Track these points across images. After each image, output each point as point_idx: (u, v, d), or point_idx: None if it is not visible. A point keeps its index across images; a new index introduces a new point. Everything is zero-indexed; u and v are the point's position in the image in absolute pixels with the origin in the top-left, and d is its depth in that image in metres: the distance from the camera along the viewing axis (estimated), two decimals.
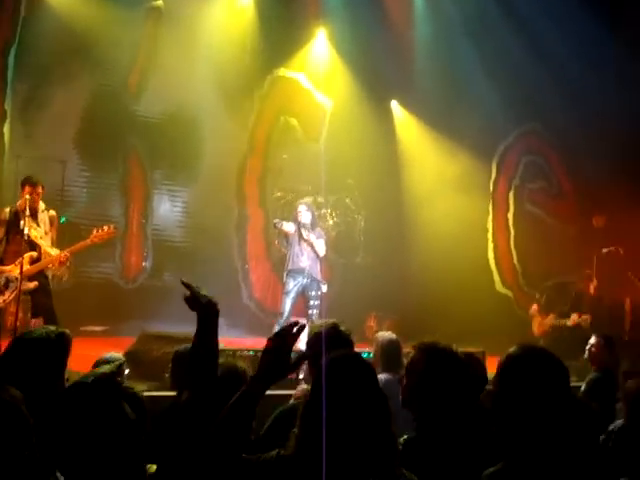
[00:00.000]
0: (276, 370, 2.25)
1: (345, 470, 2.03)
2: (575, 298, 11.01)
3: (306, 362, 3.49)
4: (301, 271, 8.98)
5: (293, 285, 8.94)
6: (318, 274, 9.09)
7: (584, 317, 10.58)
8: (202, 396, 2.35)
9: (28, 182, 7.04)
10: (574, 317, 10.61)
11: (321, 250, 9.06)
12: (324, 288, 9.13)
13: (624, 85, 12.03)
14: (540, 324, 10.95)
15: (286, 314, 8.85)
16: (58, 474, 2.32)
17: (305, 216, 9.03)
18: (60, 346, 2.65)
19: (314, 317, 8.81)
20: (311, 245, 9.01)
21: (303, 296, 9.04)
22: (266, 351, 2.27)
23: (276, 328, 8.74)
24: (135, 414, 2.40)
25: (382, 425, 2.11)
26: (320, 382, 2.16)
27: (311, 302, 9.02)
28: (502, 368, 2.21)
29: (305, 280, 8.98)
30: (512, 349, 2.23)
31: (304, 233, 8.95)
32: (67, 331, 2.76)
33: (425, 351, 3.02)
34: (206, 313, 2.50)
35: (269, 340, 2.29)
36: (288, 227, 9.13)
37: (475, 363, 3.99)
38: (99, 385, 2.24)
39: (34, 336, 2.64)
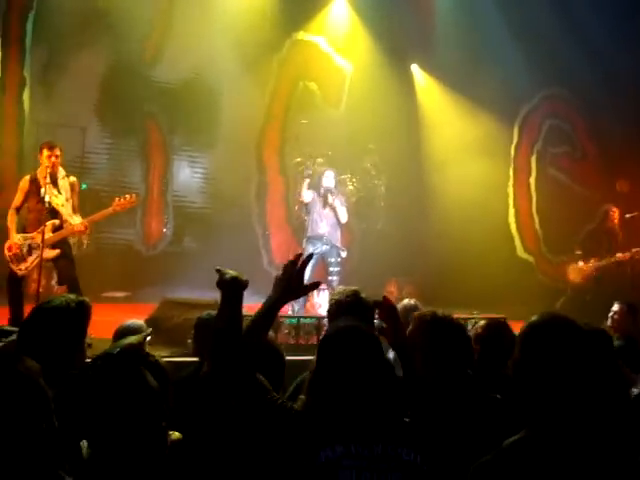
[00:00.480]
0: (290, 291, 2.53)
1: (351, 435, 2.15)
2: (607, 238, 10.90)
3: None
4: (320, 237, 8.98)
5: (311, 250, 8.90)
6: (338, 240, 9.08)
7: (634, 250, 10.53)
8: (223, 369, 2.39)
9: (46, 145, 7.01)
10: (619, 255, 10.57)
11: (343, 217, 9.05)
12: (343, 254, 9.14)
13: None
14: (580, 270, 10.83)
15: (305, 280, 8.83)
16: (83, 444, 2.34)
17: (330, 181, 8.98)
18: (80, 315, 2.65)
19: (334, 283, 8.83)
20: (334, 210, 8.97)
21: (323, 262, 9.03)
22: (279, 277, 2.53)
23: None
24: (157, 383, 2.41)
25: (385, 393, 2.24)
26: (322, 354, 2.32)
27: (331, 269, 9.03)
28: (523, 337, 2.18)
29: (324, 246, 8.96)
30: (533, 318, 2.20)
31: (329, 198, 8.91)
32: (87, 299, 2.75)
33: (421, 323, 3.14)
34: (229, 289, 2.51)
35: (283, 267, 2.54)
36: (307, 196, 9.10)
37: (503, 328, 3.97)
38: (125, 357, 2.24)
39: (53, 305, 2.64)
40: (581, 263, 10.85)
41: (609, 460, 2.04)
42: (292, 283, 2.50)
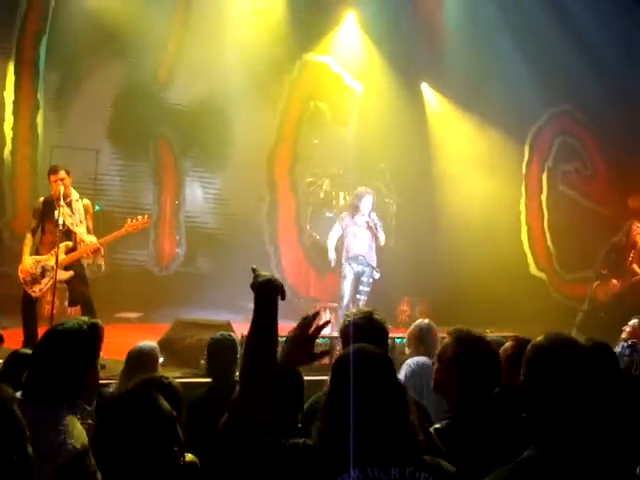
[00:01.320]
0: (297, 358, 2.39)
1: (367, 459, 2.10)
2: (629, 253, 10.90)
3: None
4: (356, 258, 9.09)
5: (348, 270, 9.07)
6: (374, 261, 9.21)
7: None
8: (254, 391, 2.23)
9: (50, 171, 7.13)
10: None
11: (382, 239, 9.20)
12: (377, 275, 9.23)
13: None
14: (606, 290, 10.81)
15: (346, 299, 9.03)
16: None
17: (369, 206, 9.12)
18: (92, 337, 2.67)
19: (361, 303, 8.90)
20: (372, 233, 9.12)
21: (356, 282, 9.12)
22: (290, 339, 2.39)
23: (340, 313, 8.89)
24: (170, 404, 2.43)
25: (399, 416, 2.19)
26: (335, 377, 2.26)
27: (361, 287, 9.15)
28: (529, 359, 2.20)
29: (360, 267, 9.10)
30: (538, 339, 2.21)
31: (371, 220, 9.08)
32: (99, 321, 2.77)
33: (456, 337, 3.08)
34: (261, 292, 2.37)
35: (295, 328, 2.40)
36: (336, 231, 9.29)
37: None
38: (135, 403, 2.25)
39: (66, 327, 2.66)
40: (614, 281, 10.82)
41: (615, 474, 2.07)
42: (304, 349, 2.38)
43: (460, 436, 2.79)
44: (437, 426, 2.91)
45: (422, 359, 5.10)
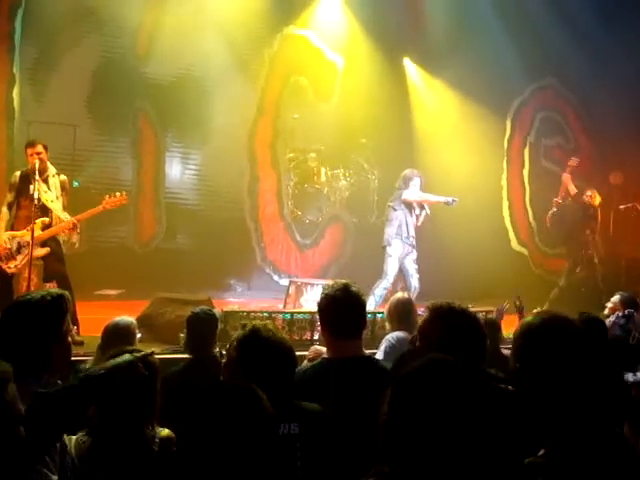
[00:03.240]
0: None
1: None
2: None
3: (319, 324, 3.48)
4: (408, 237, 9.16)
5: (397, 248, 9.09)
6: (414, 241, 9.29)
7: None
8: None
9: (27, 144, 7.05)
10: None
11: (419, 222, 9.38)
12: (415, 257, 9.29)
13: None
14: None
15: (391, 277, 9.07)
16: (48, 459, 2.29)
17: (419, 186, 9.23)
18: (56, 308, 2.61)
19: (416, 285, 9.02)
20: (419, 215, 9.28)
21: (404, 260, 9.16)
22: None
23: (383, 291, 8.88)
24: (146, 379, 2.38)
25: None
26: (401, 403, 1.74)
27: (414, 267, 9.19)
28: (520, 342, 2.05)
29: (408, 247, 9.17)
30: (529, 319, 2.06)
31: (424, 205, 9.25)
32: (66, 293, 2.71)
33: (438, 314, 2.87)
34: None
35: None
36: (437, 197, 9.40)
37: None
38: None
39: (28, 299, 2.62)
40: None
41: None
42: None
43: None
44: None
45: (401, 334, 5.10)
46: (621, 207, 11.11)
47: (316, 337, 7.01)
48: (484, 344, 2.86)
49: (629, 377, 4.19)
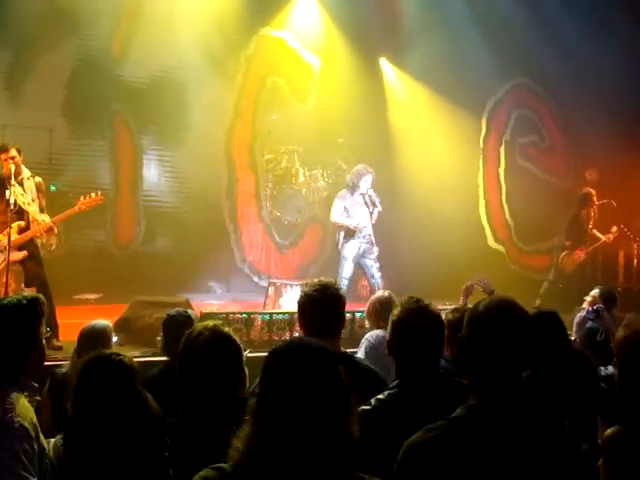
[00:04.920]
0: None
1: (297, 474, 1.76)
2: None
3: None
4: (362, 235, 9.07)
5: (351, 249, 9.03)
6: (373, 239, 9.20)
7: (614, 229, 10.88)
8: None
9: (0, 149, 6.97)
10: (607, 235, 10.90)
11: (375, 215, 9.24)
12: (376, 252, 9.25)
13: (615, 35, 11.93)
14: (572, 260, 10.92)
15: (347, 280, 8.95)
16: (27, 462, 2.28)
17: (368, 185, 9.13)
18: (32, 312, 2.63)
19: (380, 282, 8.99)
20: (371, 211, 9.15)
21: (362, 260, 9.11)
22: None
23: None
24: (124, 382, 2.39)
25: (336, 426, 1.79)
26: (267, 377, 1.87)
27: (374, 266, 9.15)
28: (470, 318, 2.19)
29: (365, 245, 9.10)
30: (478, 303, 2.20)
31: (377, 200, 9.09)
32: (40, 296, 2.73)
33: (401, 307, 3.04)
34: None
35: None
36: (339, 209, 9.17)
37: None
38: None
39: (4, 303, 2.64)
40: (579, 251, 10.91)
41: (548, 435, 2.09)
42: None
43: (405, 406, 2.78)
44: (380, 397, 2.86)
45: (381, 332, 5.12)
46: (597, 203, 11.21)
47: (296, 334, 7.04)
48: (440, 338, 2.97)
49: (601, 371, 4.28)
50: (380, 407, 2.79)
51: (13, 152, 6.89)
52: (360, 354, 4.98)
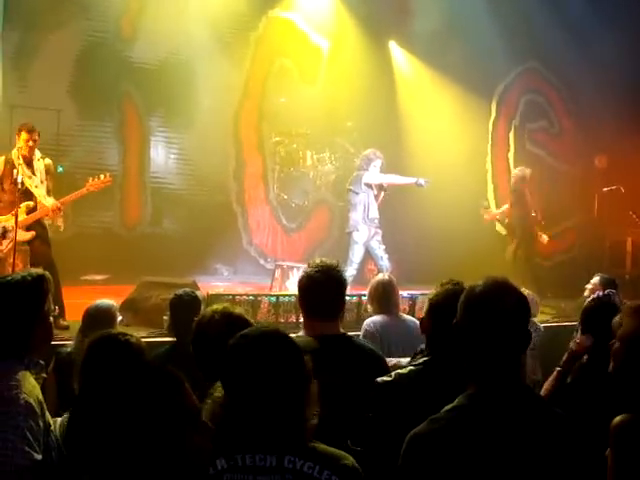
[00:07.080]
0: None
1: (240, 447, 2.01)
2: None
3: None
4: (373, 220, 9.19)
5: (362, 233, 9.12)
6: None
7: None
8: None
9: (25, 128, 6.94)
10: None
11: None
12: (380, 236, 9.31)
13: (628, 22, 11.83)
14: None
15: (356, 265, 9.08)
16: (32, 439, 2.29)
17: (379, 169, 9.24)
18: (37, 289, 2.63)
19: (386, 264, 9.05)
20: (377, 195, 9.27)
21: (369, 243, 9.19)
22: None
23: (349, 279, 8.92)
24: (130, 362, 2.39)
25: (284, 401, 2.03)
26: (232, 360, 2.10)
27: (380, 248, 9.24)
28: (464, 300, 2.16)
29: (374, 229, 9.20)
30: (477, 283, 2.16)
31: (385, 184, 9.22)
32: (46, 273, 2.73)
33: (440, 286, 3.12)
34: None
35: None
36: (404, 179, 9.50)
37: None
38: None
39: (9, 280, 2.64)
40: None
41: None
42: None
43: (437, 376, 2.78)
44: (401, 371, 2.89)
45: (379, 318, 5.12)
46: (605, 189, 11.16)
47: (302, 320, 7.04)
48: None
49: None
50: (400, 381, 2.82)
51: (36, 135, 6.91)
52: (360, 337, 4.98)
